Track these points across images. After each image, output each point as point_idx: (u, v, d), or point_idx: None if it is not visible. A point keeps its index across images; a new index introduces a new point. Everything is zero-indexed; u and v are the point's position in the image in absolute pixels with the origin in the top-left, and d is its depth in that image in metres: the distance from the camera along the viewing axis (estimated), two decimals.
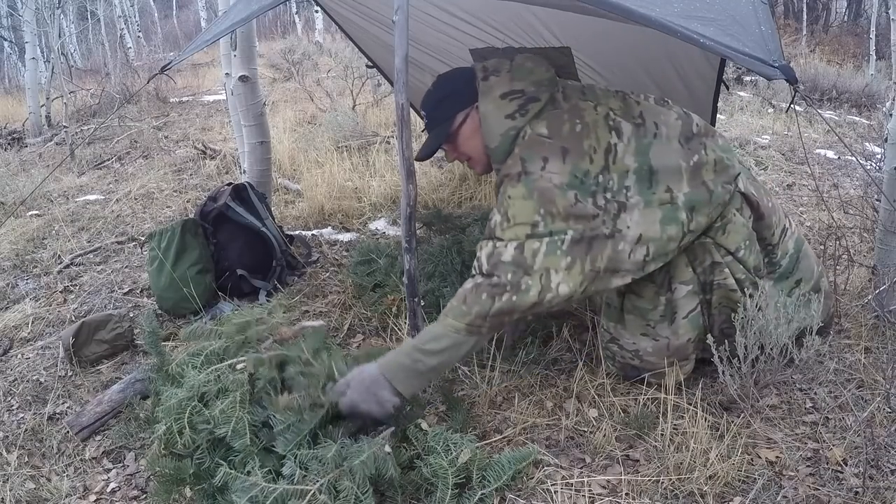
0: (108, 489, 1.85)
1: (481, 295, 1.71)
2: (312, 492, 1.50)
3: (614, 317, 2.08)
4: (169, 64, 2.36)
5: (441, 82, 2.03)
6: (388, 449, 1.59)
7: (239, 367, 1.78)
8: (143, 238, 3.49)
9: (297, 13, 16.41)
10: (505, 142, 1.85)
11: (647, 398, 2.03)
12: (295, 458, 1.57)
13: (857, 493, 1.63)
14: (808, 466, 1.75)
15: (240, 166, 3.90)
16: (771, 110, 6.45)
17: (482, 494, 1.64)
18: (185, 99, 8.13)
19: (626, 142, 1.81)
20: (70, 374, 2.42)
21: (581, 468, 1.79)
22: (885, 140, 2.47)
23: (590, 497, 1.68)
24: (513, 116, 1.85)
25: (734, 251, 1.93)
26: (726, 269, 1.93)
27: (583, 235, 1.73)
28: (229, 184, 3.08)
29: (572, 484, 1.72)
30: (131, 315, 2.82)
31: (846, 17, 15.00)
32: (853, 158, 4.53)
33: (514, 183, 1.77)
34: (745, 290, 1.92)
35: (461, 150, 2.01)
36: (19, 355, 2.58)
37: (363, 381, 1.69)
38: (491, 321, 1.72)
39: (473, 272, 1.79)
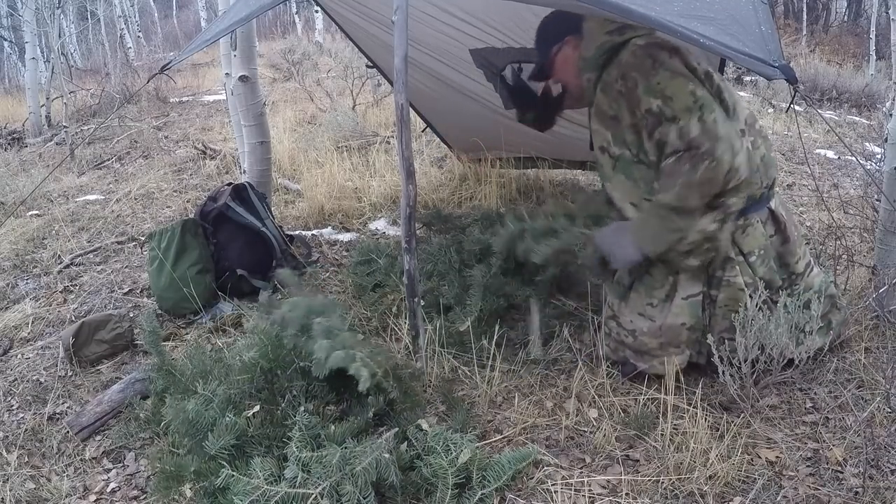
0: (108, 489, 1.85)
1: (684, 165, 1.83)
2: (314, 495, 1.50)
3: (620, 293, 2.15)
4: (169, 64, 2.36)
5: (545, 22, 2.23)
6: (388, 455, 1.59)
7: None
8: (143, 238, 3.49)
9: (297, 13, 16.40)
10: (600, 51, 2.00)
11: (647, 398, 2.03)
12: (297, 460, 1.57)
13: (857, 493, 1.63)
14: (808, 466, 1.75)
15: (240, 166, 3.90)
16: (771, 110, 6.45)
17: (482, 494, 1.64)
18: (185, 99, 8.13)
19: (716, 78, 1.96)
20: (70, 374, 2.42)
21: (581, 468, 1.79)
22: (885, 140, 2.46)
23: (590, 497, 1.68)
24: (611, 33, 2.00)
25: (747, 254, 1.99)
26: (737, 268, 1.98)
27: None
28: (229, 184, 3.08)
29: (572, 484, 1.72)
30: (131, 315, 2.82)
31: (846, 17, 15.00)
32: (853, 158, 4.53)
33: (654, 71, 1.88)
34: (752, 295, 1.93)
35: (556, 76, 2.19)
36: (19, 355, 2.58)
37: (615, 227, 2.05)
38: (699, 190, 1.84)
39: (667, 151, 1.88)
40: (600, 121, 2.07)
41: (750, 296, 1.92)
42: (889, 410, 1.89)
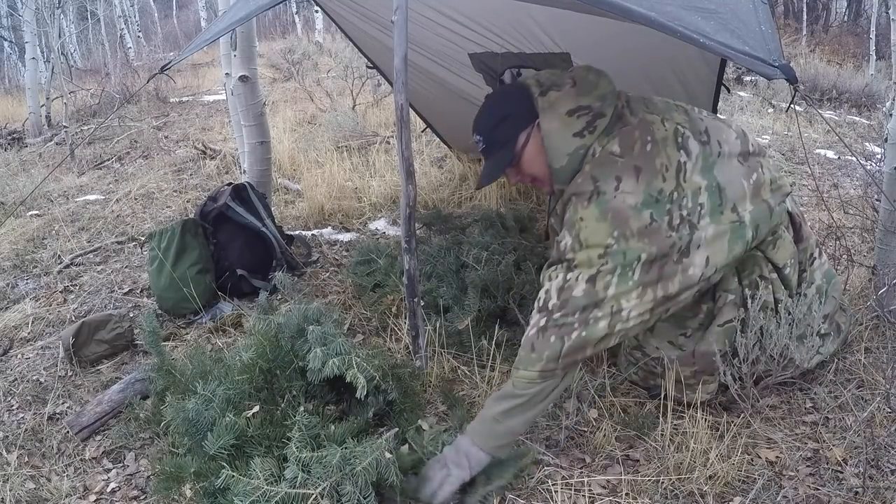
0: (108, 489, 1.85)
1: (549, 338, 1.66)
2: (314, 496, 1.50)
3: None
4: (169, 64, 2.36)
5: (493, 103, 1.89)
6: (388, 455, 1.59)
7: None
8: (143, 238, 3.49)
9: (297, 13, 16.40)
10: (573, 161, 1.77)
11: (647, 398, 2.03)
12: (298, 461, 1.56)
13: (857, 493, 1.63)
14: (808, 466, 1.75)
15: (240, 166, 3.90)
16: (771, 110, 6.45)
17: (483, 494, 1.64)
18: (185, 99, 8.13)
19: (693, 160, 1.74)
20: (70, 374, 2.42)
21: (581, 468, 1.79)
22: (885, 140, 2.46)
23: (590, 497, 1.68)
24: (581, 134, 1.76)
25: (781, 267, 1.91)
26: (770, 286, 1.90)
27: (655, 258, 1.67)
28: (229, 184, 3.08)
29: (572, 484, 1.72)
30: (131, 315, 2.82)
31: (846, 17, 15.00)
32: (853, 158, 4.53)
33: (586, 203, 1.70)
34: (781, 313, 1.88)
35: (526, 171, 1.89)
36: (19, 355, 2.58)
37: (456, 450, 1.68)
38: (564, 361, 1.67)
39: (539, 304, 1.72)
40: (559, 225, 1.87)
41: (752, 296, 1.88)
42: (889, 410, 1.89)
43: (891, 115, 2.57)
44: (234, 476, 1.54)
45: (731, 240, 1.76)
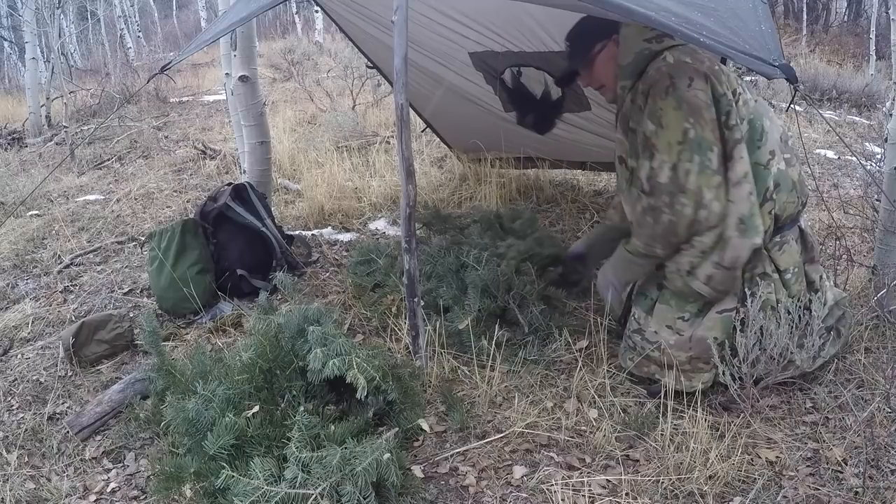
0: (108, 489, 1.85)
1: (646, 217, 1.94)
2: (314, 496, 1.50)
3: (647, 306, 2.10)
4: (169, 64, 2.37)
5: (583, 20, 2.18)
6: (387, 454, 1.59)
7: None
8: (143, 238, 3.49)
9: (297, 13, 16.39)
10: (638, 60, 2.00)
11: (647, 398, 2.03)
12: (297, 461, 1.56)
13: (857, 493, 1.63)
14: (808, 466, 1.75)
15: (240, 166, 3.90)
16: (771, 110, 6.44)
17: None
18: (185, 99, 8.13)
19: (747, 96, 1.97)
20: (70, 374, 2.42)
21: (581, 468, 1.79)
22: (885, 140, 2.46)
23: (590, 497, 1.68)
24: (650, 41, 1.99)
25: (783, 270, 1.98)
26: (772, 285, 1.95)
27: (723, 151, 1.88)
28: (229, 184, 3.08)
29: (572, 484, 1.72)
30: (131, 315, 2.82)
31: (846, 17, 14.99)
32: (853, 158, 4.53)
33: (664, 95, 1.89)
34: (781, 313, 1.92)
35: (595, 75, 2.15)
36: (19, 355, 2.58)
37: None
38: (661, 242, 1.95)
39: (638, 186, 1.99)
40: (623, 130, 2.08)
41: (752, 294, 1.89)
42: (889, 410, 1.89)
43: (891, 115, 2.57)
44: (233, 476, 1.54)
45: (755, 177, 1.92)
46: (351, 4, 3.01)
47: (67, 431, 2.08)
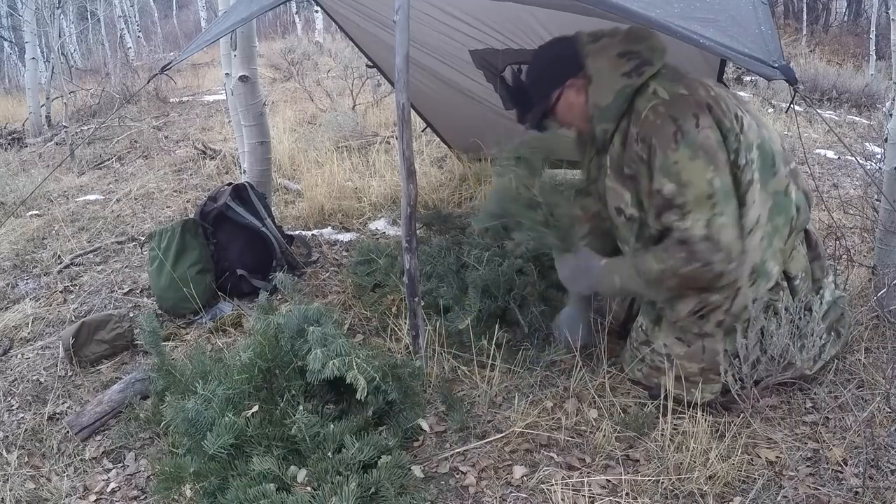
0: (108, 489, 1.85)
1: (681, 253, 1.78)
2: (314, 495, 1.50)
3: (654, 316, 2.03)
4: (169, 64, 2.37)
5: (538, 59, 2.00)
6: (387, 454, 1.59)
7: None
8: (143, 238, 3.49)
9: (297, 13, 16.38)
10: (619, 99, 1.85)
11: (647, 398, 2.03)
12: (297, 460, 1.56)
13: (857, 493, 1.63)
14: (808, 466, 1.75)
15: (240, 166, 3.90)
16: (771, 110, 6.45)
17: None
18: (185, 99, 8.13)
19: (748, 119, 1.84)
20: (70, 374, 2.42)
21: (581, 468, 1.79)
22: (885, 140, 2.46)
23: (590, 497, 1.68)
24: (629, 75, 1.83)
25: (793, 277, 1.95)
26: (781, 293, 1.92)
27: (736, 195, 1.78)
28: (229, 184, 3.08)
29: (572, 484, 1.72)
30: (131, 315, 2.82)
31: (846, 17, 14.99)
32: (853, 158, 4.53)
33: (674, 146, 1.75)
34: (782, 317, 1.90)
35: (560, 120, 2.02)
36: (19, 355, 2.58)
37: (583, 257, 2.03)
38: (677, 280, 1.82)
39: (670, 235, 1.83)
40: (617, 178, 1.92)
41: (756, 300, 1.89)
42: (889, 410, 1.89)
43: (891, 115, 2.57)
44: (233, 475, 1.54)
45: (774, 208, 1.84)
46: (351, 4, 3.01)
47: (67, 431, 2.08)
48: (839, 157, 4.79)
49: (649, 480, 1.72)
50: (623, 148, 1.87)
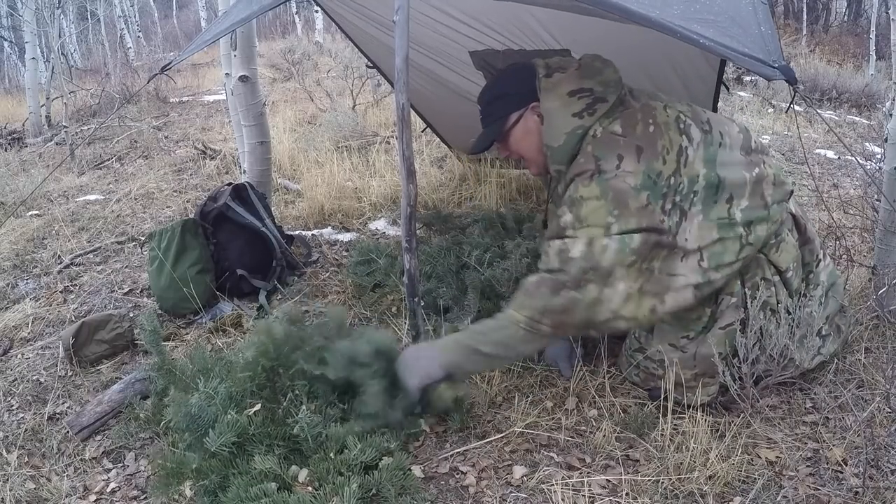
0: (108, 489, 1.85)
1: (542, 289, 1.71)
2: (315, 495, 1.50)
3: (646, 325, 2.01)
4: (169, 64, 2.36)
5: (498, 79, 1.99)
6: (389, 455, 1.59)
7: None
8: (143, 238, 3.49)
9: (297, 13, 16.38)
10: (570, 141, 1.81)
11: (647, 399, 2.03)
12: (299, 460, 1.56)
13: (857, 493, 1.63)
14: (808, 466, 1.76)
15: (240, 166, 3.90)
16: (771, 110, 6.45)
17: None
18: (185, 99, 8.13)
19: (695, 147, 1.78)
20: (70, 374, 2.42)
21: (581, 468, 1.79)
22: (885, 140, 2.46)
23: (590, 497, 1.68)
24: (580, 115, 1.80)
25: (784, 270, 1.92)
26: (772, 289, 1.91)
27: (648, 239, 1.71)
28: (229, 184, 3.08)
29: (572, 484, 1.72)
30: (131, 315, 2.82)
31: (846, 17, 14.99)
32: (853, 158, 4.53)
33: (587, 181, 1.73)
34: (781, 314, 1.89)
35: (513, 149, 1.98)
36: (19, 355, 2.58)
37: (416, 351, 1.82)
38: (551, 318, 1.71)
39: (540, 265, 1.79)
40: (552, 215, 1.91)
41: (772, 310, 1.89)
42: (889, 410, 1.89)
43: (891, 115, 2.57)
44: (234, 474, 1.54)
45: (721, 233, 1.79)
46: (351, 4, 3.01)
47: (67, 431, 2.08)
48: (839, 157, 4.80)
49: (649, 480, 1.72)
50: (567, 188, 1.83)
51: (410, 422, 1.84)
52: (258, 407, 1.77)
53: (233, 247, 2.90)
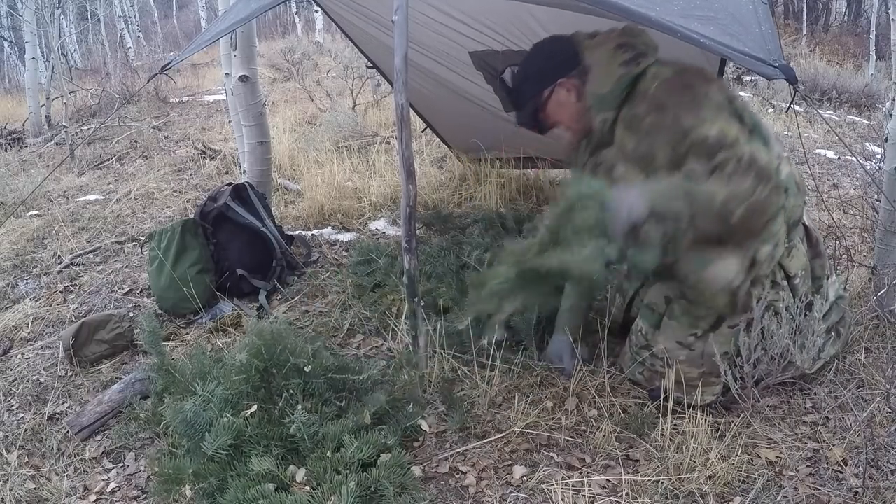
0: (108, 489, 1.85)
1: (748, 176, 1.66)
2: (313, 495, 1.50)
3: (654, 321, 2.01)
4: (169, 64, 2.37)
5: (533, 55, 2.06)
6: (387, 453, 1.59)
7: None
8: (143, 238, 3.49)
9: (297, 13, 16.38)
10: (619, 86, 1.90)
11: (647, 399, 2.03)
12: (296, 460, 1.57)
13: (857, 493, 1.63)
14: (808, 466, 1.75)
15: (240, 166, 3.90)
16: (771, 110, 6.44)
17: None
18: (185, 99, 8.13)
19: (739, 101, 1.86)
20: (70, 374, 2.42)
21: (581, 468, 1.79)
22: (885, 140, 2.46)
23: (590, 497, 1.68)
24: (627, 64, 1.89)
25: (793, 276, 1.94)
26: (781, 293, 1.91)
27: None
28: (229, 184, 3.08)
29: (572, 484, 1.72)
30: (131, 315, 2.82)
31: (846, 17, 14.99)
32: (853, 158, 4.53)
33: (695, 107, 1.76)
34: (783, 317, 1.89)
35: (550, 120, 2.06)
36: (19, 355, 2.58)
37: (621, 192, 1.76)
38: (743, 212, 1.67)
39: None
40: (628, 162, 1.89)
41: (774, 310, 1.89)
42: (889, 410, 1.89)
43: (891, 115, 2.57)
44: (232, 476, 1.54)
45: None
46: (350, 4, 3.01)
47: (67, 431, 2.08)
48: (839, 157, 4.79)
49: (649, 480, 1.72)
50: (631, 132, 1.88)
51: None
52: (254, 408, 1.77)
53: (233, 247, 2.90)
